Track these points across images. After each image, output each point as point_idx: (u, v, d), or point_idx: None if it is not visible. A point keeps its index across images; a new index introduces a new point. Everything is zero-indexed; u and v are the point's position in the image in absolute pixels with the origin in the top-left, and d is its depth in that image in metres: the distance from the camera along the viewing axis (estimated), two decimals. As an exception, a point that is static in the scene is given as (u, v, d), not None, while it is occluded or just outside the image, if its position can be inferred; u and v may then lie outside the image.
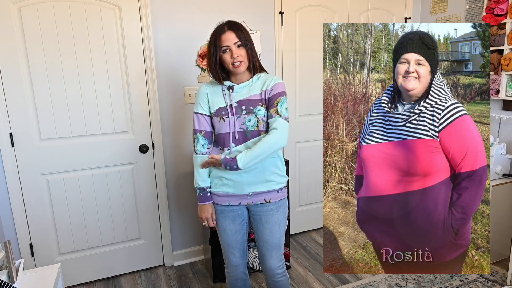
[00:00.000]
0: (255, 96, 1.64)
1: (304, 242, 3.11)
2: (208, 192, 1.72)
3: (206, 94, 1.69)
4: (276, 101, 1.61)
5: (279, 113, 1.59)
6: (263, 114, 1.63)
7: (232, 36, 1.56)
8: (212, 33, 1.62)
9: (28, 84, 2.22)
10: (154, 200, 2.68)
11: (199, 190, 1.72)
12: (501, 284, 2.41)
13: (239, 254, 1.82)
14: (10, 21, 2.12)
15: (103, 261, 2.62)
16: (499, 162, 2.60)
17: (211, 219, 1.75)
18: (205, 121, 1.70)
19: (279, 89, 1.62)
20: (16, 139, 2.26)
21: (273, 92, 1.62)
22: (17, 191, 2.32)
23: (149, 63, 2.46)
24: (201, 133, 1.70)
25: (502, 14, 2.57)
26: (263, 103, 1.63)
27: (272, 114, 1.60)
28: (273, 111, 1.60)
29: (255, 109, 1.62)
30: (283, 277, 1.81)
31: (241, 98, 1.64)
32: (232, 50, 1.57)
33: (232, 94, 1.64)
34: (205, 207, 1.73)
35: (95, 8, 2.28)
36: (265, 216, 1.73)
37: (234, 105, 1.64)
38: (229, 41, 1.56)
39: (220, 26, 1.60)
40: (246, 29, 1.62)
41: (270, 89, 1.62)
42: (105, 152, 2.47)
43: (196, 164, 1.71)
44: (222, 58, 1.60)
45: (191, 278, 2.65)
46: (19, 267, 1.52)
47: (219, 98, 1.66)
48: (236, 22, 1.62)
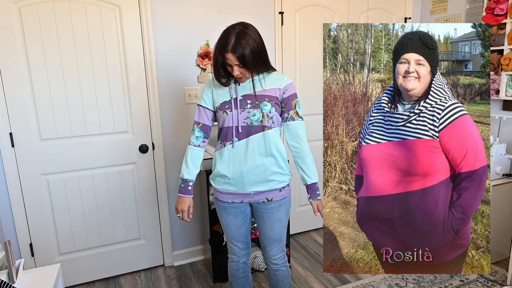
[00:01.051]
0: (266, 91, 1.64)
1: (304, 242, 3.11)
2: (190, 185, 1.72)
3: (211, 89, 1.70)
4: (293, 102, 1.68)
5: (299, 116, 1.71)
6: (269, 110, 1.64)
7: (234, 58, 1.53)
8: (218, 42, 1.56)
9: (28, 84, 2.22)
10: (154, 200, 2.68)
11: (181, 181, 1.72)
12: (501, 284, 2.41)
13: (242, 246, 1.86)
14: (10, 21, 2.12)
15: (103, 261, 2.62)
16: (499, 162, 2.60)
17: (187, 212, 1.73)
18: (205, 114, 1.72)
19: (292, 90, 1.69)
20: (16, 139, 2.26)
21: (288, 93, 1.67)
22: (17, 191, 2.32)
23: (149, 63, 2.46)
24: (198, 125, 1.73)
25: (502, 14, 2.57)
26: (271, 99, 1.64)
27: (294, 117, 1.69)
28: (293, 113, 1.69)
29: (261, 104, 1.63)
30: (283, 267, 1.84)
31: (247, 92, 1.64)
32: (234, 68, 1.56)
33: (238, 87, 1.65)
34: (183, 199, 1.72)
35: (95, 8, 2.28)
36: (267, 213, 1.74)
37: (239, 98, 1.64)
38: (231, 61, 1.55)
39: (226, 40, 1.52)
40: (253, 40, 1.53)
41: (283, 88, 1.66)
42: (105, 152, 2.47)
43: (186, 155, 1.73)
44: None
45: (191, 278, 2.65)
46: (19, 267, 1.52)
47: (225, 92, 1.67)
48: (242, 37, 1.51)
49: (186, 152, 1.74)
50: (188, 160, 1.72)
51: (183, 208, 1.72)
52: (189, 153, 1.73)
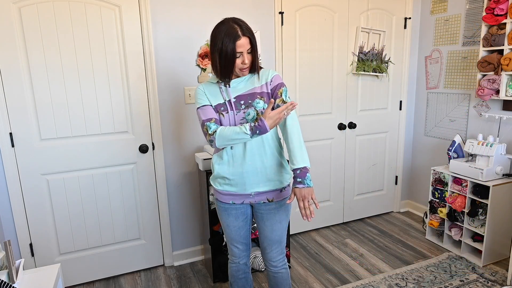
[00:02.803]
0: (255, 89, 1.64)
1: (304, 242, 3.10)
2: (254, 124, 1.54)
3: (204, 92, 1.68)
4: (279, 91, 1.65)
5: (285, 102, 1.64)
6: (262, 106, 1.63)
7: (247, 42, 1.52)
8: (224, 35, 1.51)
9: (28, 84, 2.22)
10: (154, 200, 2.68)
11: (253, 131, 1.52)
12: (501, 284, 2.41)
13: (242, 247, 1.85)
14: (10, 21, 2.12)
15: (103, 261, 2.62)
16: (499, 162, 2.60)
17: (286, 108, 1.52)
18: (212, 110, 1.64)
19: (278, 80, 1.68)
20: (16, 139, 2.26)
21: (274, 84, 1.67)
22: (17, 191, 2.31)
23: (149, 63, 2.46)
24: (211, 121, 1.60)
25: (502, 14, 2.57)
26: (263, 96, 1.64)
27: (280, 104, 1.63)
28: (279, 101, 1.64)
29: (254, 102, 1.63)
30: (283, 270, 1.83)
31: (239, 93, 1.64)
32: (245, 56, 1.55)
33: (229, 89, 1.64)
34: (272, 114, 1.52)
35: (95, 8, 2.28)
36: (267, 214, 1.74)
37: (233, 100, 1.64)
38: (243, 47, 1.53)
39: (233, 29, 1.50)
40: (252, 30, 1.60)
41: (269, 81, 1.67)
42: (105, 152, 2.47)
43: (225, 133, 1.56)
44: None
45: (191, 278, 2.65)
46: (19, 267, 1.52)
47: (217, 96, 1.66)
48: (242, 22, 1.55)
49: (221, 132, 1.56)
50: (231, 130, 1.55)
51: (280, 110, 1.52)
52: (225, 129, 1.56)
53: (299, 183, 1.57)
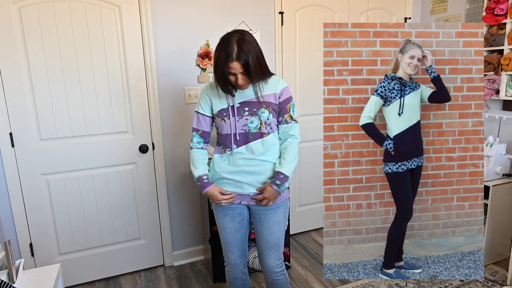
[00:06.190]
0: (264, 98, 1.63)
1: (304, 242, 3.10)
2: (205, 179, 1.69)
3: (208, 96, 1.69)
4: (287, 106, 1.69)
5: (293, 119, 1.71)
6: (267, 117, 1.64)
7: (239, 67, 1.51)
8: (220, 52, 1.52)
9: (28, 84, 2.22)
10: (154, 200, 2.68)
11: (197, 180, 1.71)
12: (501, 284, 2.41)
13: (238, 253, 1.82)
14: (10, 21, 2.12)
15: (103, 261, 2.62)
16: (499, 162, 2.60)
17: (224, 197, 1.67)
18: (204, 121, 1.72)
19: (288, 94, 1.69)
20: (16, 139, 2.26)
21: (283, 97, 1.68)
22: (17, 191, 2.31)
23: (149, 63, 2.46)
24: (198, 132, 1.74)
25: (502, 14, 2.57)
26: (269, 106, 1.64)
27: (287, 120, 1.70)
28: (287, 116, 1.69)
29: (259, 111, 1.63)
30: (281, 276, 1.81)
31: (245, 99, 1.64)
32: (238, 77, 1.54)
33: (235, 94, 1.64)
34: (209, 191, 1.68)
35: (95, 8, 2.28)
36: (265, 215, 1.74)
37: (237, 105, 1.64)
38: (235, 69, 1.52)
39: (230, 49, 1.49)
40: (253, 46, 1.53)
41: (279, 93, 1.67)
42: (105, 152, 2.47)
43: (192, 158, 1.74)
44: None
45: (191, 278, 2.65)
46: (19, 267, 1.52)
47: (222, 100, 1.66)
48: (243, 44, 1.50)
49: (191, 155, 1.74)
50: (195, 161, 1.72)
51: (217, 197, 1.67)
52: (194, 155, 1.73)
53: (276, 185, 1.65)
